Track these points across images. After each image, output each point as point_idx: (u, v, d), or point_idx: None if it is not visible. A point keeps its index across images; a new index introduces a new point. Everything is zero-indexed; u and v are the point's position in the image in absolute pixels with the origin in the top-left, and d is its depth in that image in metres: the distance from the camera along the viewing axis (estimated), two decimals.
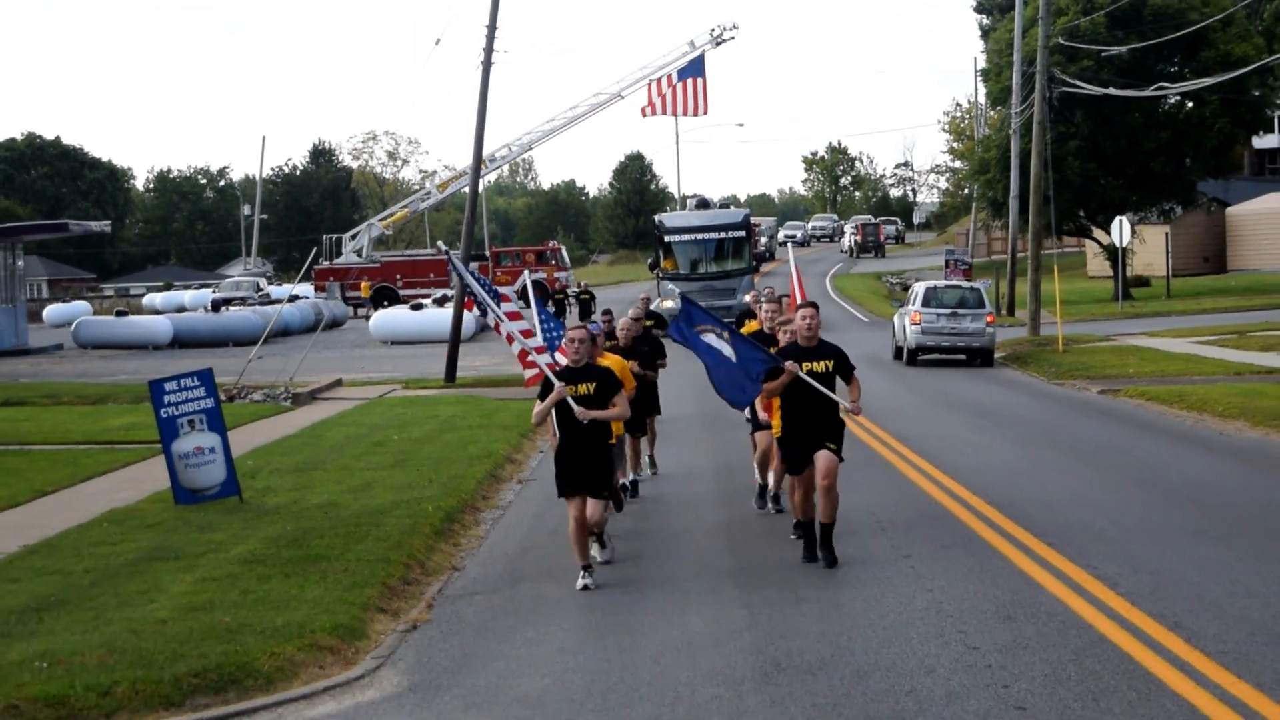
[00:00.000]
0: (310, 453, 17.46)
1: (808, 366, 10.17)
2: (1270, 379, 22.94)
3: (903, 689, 7.09)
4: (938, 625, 8.28)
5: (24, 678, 7.66)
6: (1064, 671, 7.23)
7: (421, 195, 62.51)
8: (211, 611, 9.06)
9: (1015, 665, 7.38)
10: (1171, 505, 12.17)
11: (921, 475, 14.14)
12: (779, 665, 7.65)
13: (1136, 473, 14.16)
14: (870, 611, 8.64)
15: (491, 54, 28.02)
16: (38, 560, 11.29)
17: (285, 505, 13.34)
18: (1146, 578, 9.22)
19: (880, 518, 11.76)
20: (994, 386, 24.88)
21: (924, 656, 7.64)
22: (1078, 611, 8.42)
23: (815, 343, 10.32)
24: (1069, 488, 13.25)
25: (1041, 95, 33.70)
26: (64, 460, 17.58)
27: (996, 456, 15.73)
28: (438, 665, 8.21)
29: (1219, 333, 32.22)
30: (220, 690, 7.63)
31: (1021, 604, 8.67)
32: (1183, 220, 58.41)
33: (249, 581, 9.96)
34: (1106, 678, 7.10)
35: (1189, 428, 18.11)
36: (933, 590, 9.15)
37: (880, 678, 7.31)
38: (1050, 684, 7.04)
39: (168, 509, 13.43)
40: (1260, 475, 13.94)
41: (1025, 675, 7.20)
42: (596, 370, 10.09)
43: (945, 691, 7.01)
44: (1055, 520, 11.39)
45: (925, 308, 29.05)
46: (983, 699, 6.86)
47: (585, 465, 9.80)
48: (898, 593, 9.14)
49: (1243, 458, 15.21)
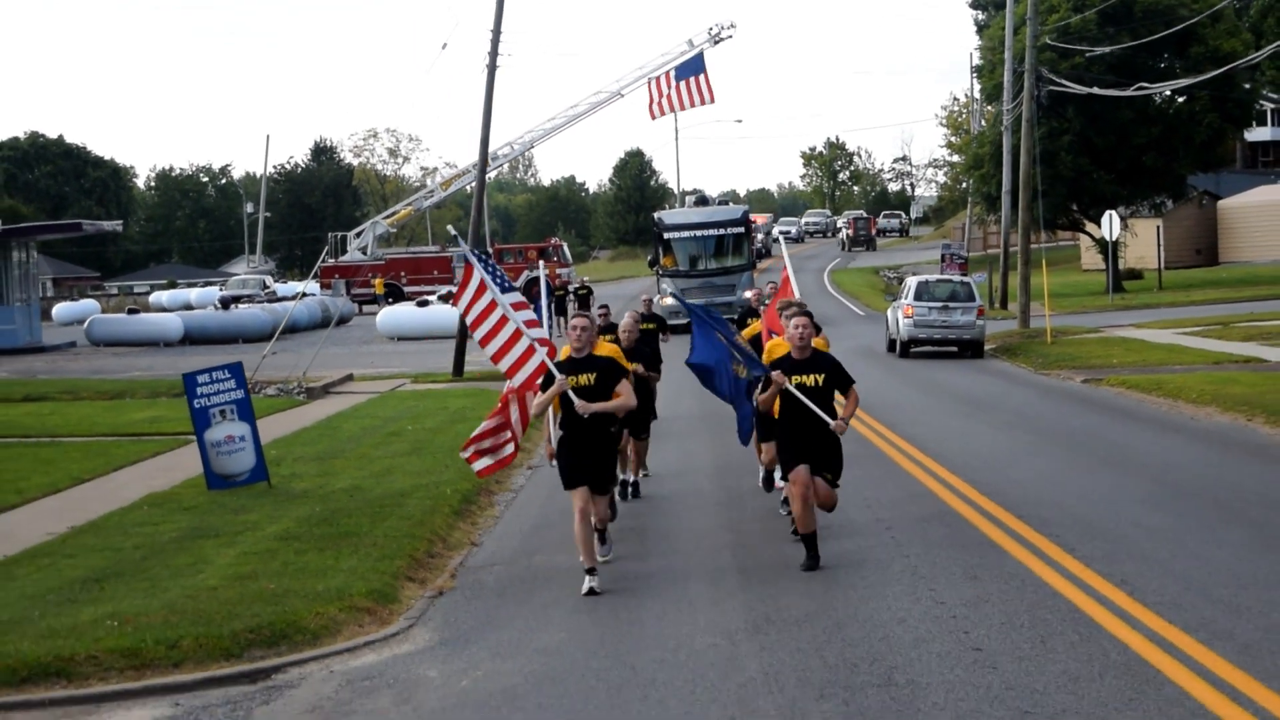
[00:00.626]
0: (329, 442, 18.40)
1: (797, 380, 9.78)
2: (1247, 368, 23.90)
3: (877, 636, 8.07)
4: (911, 585, 9.26)
5: (98, 634, 8.63)
6: (1018, 620, 8.21)
7: (425, 194, 63.55)
8: (257, 580, 10.01)
9: (976, 615, 8.36)
10: (1133, 482, 13.15)
11: (907, 459, 15.09)
12: (768, 619, 8.63)
13: (1105, 454, 15.14)
14: (852, 574, 9.61)
15: (496, 58, 28.97)
16: (88, 539, 12.24)
17: (312, 489, 14.30)
18: (1102, 544, 10.19)
19: (867, 496, 12.71)
20: (982, 377, 25.83)
21: (897, 610, 8.63)
22: (1036, 572, 9.39)
23: (808, 354, 9.91)
24: (1041, 468, 14.23)
25: (1030, 94, 34.62)
26: (95, 451, 18.53)
27: (978, 441, 16.69)
28: (464, 624, 9.17)
29: (1204, 324, 33.14)
30: (273, 644, 8.60)
31: (987, 567, 9.65)
32: (1175, 213, 59.24)
33: (287, 555, 10.92)
34: (1055, 624, 8.08)
35: (1163, 414, 19.07)
36: (909, 556, 10.12)
37: (857, 627, 8.29)
38: (1005, 630, 8.02)
39: (201, 494, 14.37)
40: (1220, 456, 14.92)
41: (984, 624, 8.17)
42: (598, 360, 9.95)
43: (914, 637, 8.00)
44: (1025, 496, 12.36)
45: (917, 301, 30.00)
46: (946, 642, 7.84)
47: (588, 457, 9.73)
48: (877, 559, 10.11)
49: (1209, 441, 16.17)
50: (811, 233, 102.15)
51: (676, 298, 13.58)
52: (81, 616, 9.10)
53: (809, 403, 9.70)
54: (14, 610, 9.40)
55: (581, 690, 7.46)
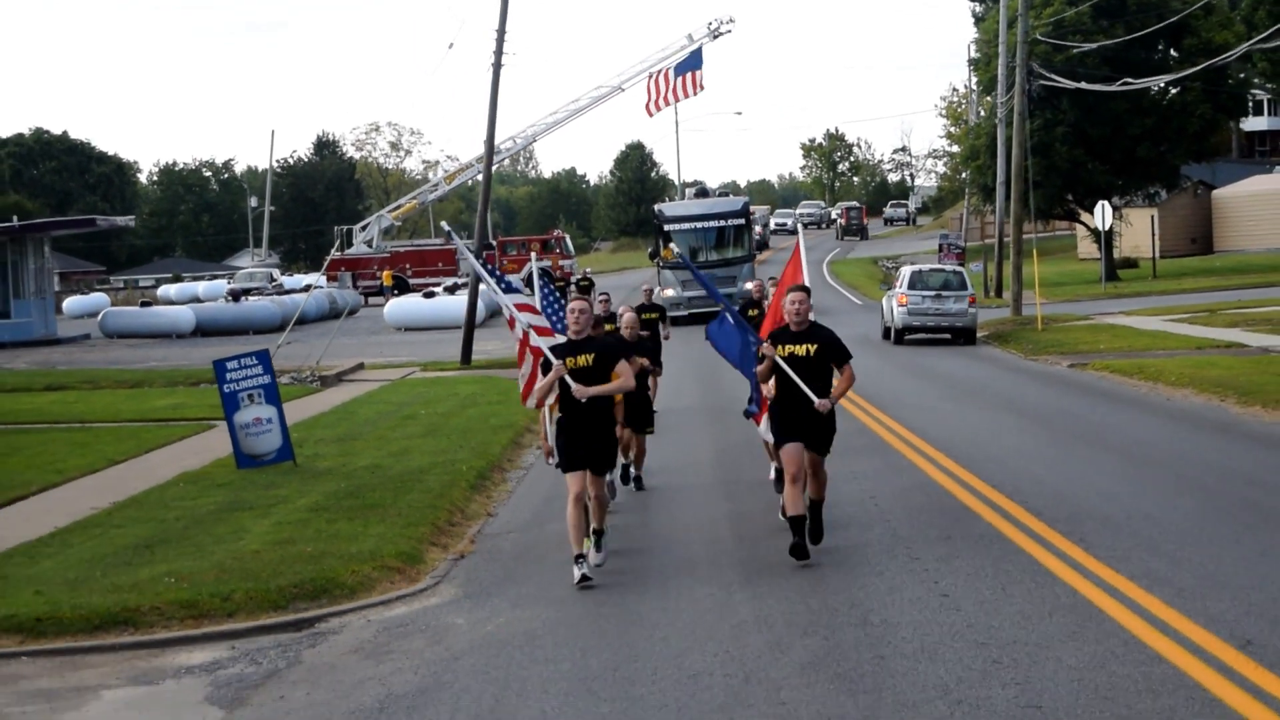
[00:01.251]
0: (347, 426, 19.36)
1: (790, 349, 9.72)
2: (1227, 352, 24.80)
3: (856, 585, 9.05)
4: (890, 545, 10.21)
5: (158, 589, 9.60)
6: (984, 572, 9.18)
7: (429, 187, 64.54)
8: (294, 545, 10.97)
9: (946, 569, 9.31)
10: (1103, 457, 14.11)
11: (895, 437, 16.03)
12: (759, 572, 9.60)
13: (1081, 432, 16.09)
14: (836, 536, 10.53)
15: (501, 57, 29.88)
16: (131, 512, 13.21)
17: (335, 468, 15.25)
18: (1066, 508, 11.16)
19: (854, 470, 13.63)
20: (973, 362, 26.77)
21: (875, 564, 9.60)
22: (1004, 533, 10.35)
23: (805, 327, 9.82)
24: (1019, 445, 15.19)
25: (1021, 88, 35.53)
26: (125, 435, 19.49)
27: (963, 421, 17.63)
28: (485, 581, 10.13)
29: (1191, 311, 34.04)
30: (315, 597, 9.57)
31: (960, 529, 10.60)
32: (1170, 203, 60.08)
33: (319, 524, 11.88)
34: (1016, 575, 9.04)
35: (1142, 395, 20.00)
36: (890, 521, 11.08)
37: (839, 579, 9.25)
38: (971, 580, 8.98)
39: (232, 472, 15.33)
40: (1189, 433, 15.87)
41: (953, 575, 9.14)
42: (595, 342, 9.89)
43: (889, 586, 8.98)
44: (1001, 469, 13.32)
45: (911, 290, 30.93)
46: (917, 590, 8.81)
47: (588, 439, 9.65)
48: (860, 524, 11.07)
49: (1181, 419, 17.12)
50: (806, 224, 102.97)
51: (683, 259, 13.05)
52: (140, 575, 10.07)
53: (794, 375, 9.60)
54: (78, 571, 10.37)
55: (594, 632, 8.43)
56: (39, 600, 9.45)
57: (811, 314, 10.05)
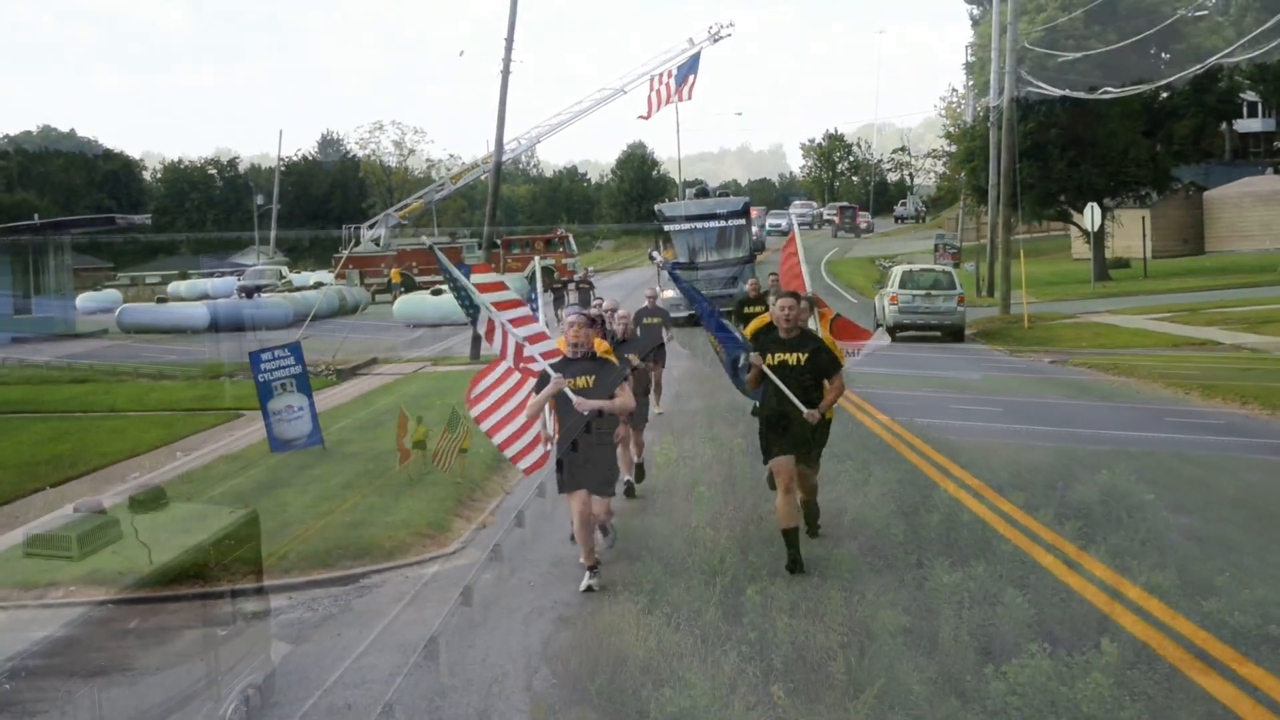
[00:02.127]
0: (368, 414, 20.65)
1: (780, 358, 9.52)
2: (1201, 350, 26.09)
3: (834, 546, 10.32)
4: (862, 511, 11.51)
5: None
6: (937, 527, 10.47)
7: (435, 187, 65.80)
8: (334, 514, 12.26)
9: (911, 532, 10.60)
10: (1063, 440, 15.41)
11: (877, 424, 17.29)
12: (750, 537, 10.88)
13: (1047, 419, 17.40)
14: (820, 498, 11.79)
15: (510, 63, 31.16)
16: (179, 488, 14.48)
17: (362, 451, 16.54)
18: (1012, 476, 12.56)
19: (836, 451, 14.86)
20: (959, 358, 28.03)
21: (850, 526, 10.90)
22: (964, 502, 11.64)
23: (795, 334, 9.62)
24: (989, 429, 16.48)
25: (1010, 96, 36.80)
26: (158, 424, 20.78)
27: (942, 410, 18.89)
28: (507, 546, 11.41)
29: (1174, 310, 35.22)
30: (358, 558, 10.87)
31: (924, 499, 11.88)
32: (1162, 204, 61.16)
33: (354, 498, 13.17)
34: (962, 531, 10.39)
35: (1113, 389, 21.28)
36: (865, 493, 12.35)
37: (819, 544, 10.53)
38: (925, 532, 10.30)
39: (266, 455, 16.62)
40: (1148, 420, 17.16)
41: (918, 540, 10.42)
42: (596, 361, 9.62)
43: (862, 547, 10.26)
44: (967, 448, 14.62)
45: (902, 289, 32.21)
46: (890, 555, 10.09)
47: (587, 460, 9.44)
48: (837, 493, 12.35)
49: (1144, 410, 18.40)
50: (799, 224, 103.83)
51: (671, 273, 13.74)
52: None
53: (784, 387, 9.44)
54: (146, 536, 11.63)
55: (605, 577, 9.71)
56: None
57: (812, 321, 10.28)
